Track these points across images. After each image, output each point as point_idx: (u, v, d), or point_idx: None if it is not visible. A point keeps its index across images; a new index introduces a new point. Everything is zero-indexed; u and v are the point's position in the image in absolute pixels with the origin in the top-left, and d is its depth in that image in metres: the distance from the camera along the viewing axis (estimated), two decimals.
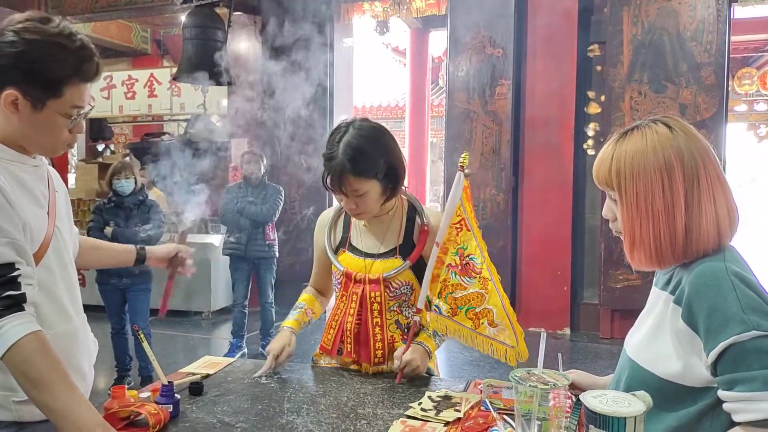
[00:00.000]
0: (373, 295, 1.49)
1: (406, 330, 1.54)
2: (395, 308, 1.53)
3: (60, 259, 1.19)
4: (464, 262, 1.45)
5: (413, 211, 1.57)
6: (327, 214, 1.65)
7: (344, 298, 1.53)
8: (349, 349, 1.52)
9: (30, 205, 1.11)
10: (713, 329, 0.91)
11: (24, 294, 1.04)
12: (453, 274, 1.45)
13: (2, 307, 1.01)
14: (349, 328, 1.51)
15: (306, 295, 1.67)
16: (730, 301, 0.90)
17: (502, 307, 1.42)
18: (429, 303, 1.47)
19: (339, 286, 1.56)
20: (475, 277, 1.44)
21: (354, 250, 1.56)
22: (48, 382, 1.01)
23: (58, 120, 1.11)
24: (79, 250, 1.40)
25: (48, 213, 1.16)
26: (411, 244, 1.54)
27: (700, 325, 0.93)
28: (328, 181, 1.42)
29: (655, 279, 1.11)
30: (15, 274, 1.03)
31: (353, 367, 1.56)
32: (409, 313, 1.55)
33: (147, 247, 1.51)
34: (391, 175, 1.46)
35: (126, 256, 1.50)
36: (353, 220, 1.59)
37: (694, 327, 0.94)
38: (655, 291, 1.08)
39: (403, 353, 1.44)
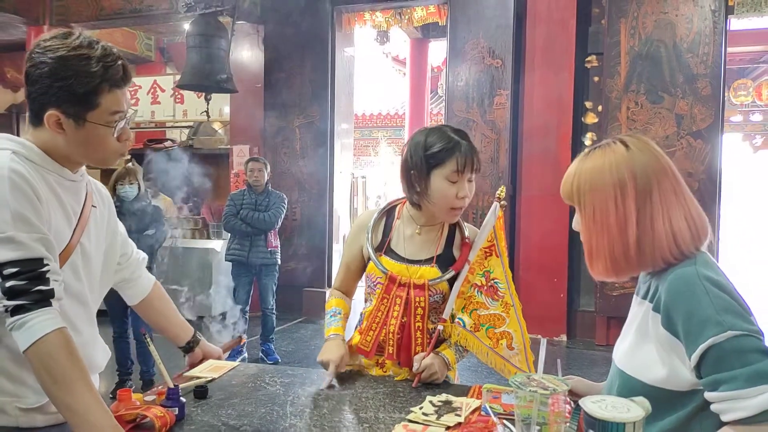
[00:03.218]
0: (418, 300, 1.52)
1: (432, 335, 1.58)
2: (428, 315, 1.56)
3: (76, 274, 1.18)
4: (489, 284, 1.52)
5: (454, 224, 1.63)
6: (367, 217, 1.66)
7: (385, 300, 1.54)
8: (391, 351, 1.54)
9: (56, 213, 1.13)
10: (692, 333, 0.94)
11: (53, 290, 1.05)
12: (478, 293, 1.52)
13: (31, 301, 1.02)
14: (392, 330, 1.53)
15: (336, 299, 1.67)
16: (704, 305, 0.94)
17: (521, 332, 1.50)
18: (452, 317, 1.52)
19: (378, 288, 1.56)
20: (497, 300, 1.51)
21: (392, 254, 1.59)
22: (70, 379, 1.02)
23: (101, 131, 1.12)
24: (147, 294, 1.46)
25: (75, 228, 1.17)
26: (449, 255, 1.58)
27: (680, 330, 0.96)
28: (464, 163, 1.49)
29: (636, 289, 1.14)
30: (44, 269, 1.04)
31: (376, 369, 1.58)
32: (435, 318, 1.58)
33: (202, 340, 1.54)
34: None
35: (180, 331, 1.52)
36: (396, 225, 1.62)
37: (674, 333, 0.98)
38: (636, 300, 1.12)
39: (423, 358, 1.47)
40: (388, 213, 1.66)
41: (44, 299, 1.03)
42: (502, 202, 1.57)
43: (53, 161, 1.14)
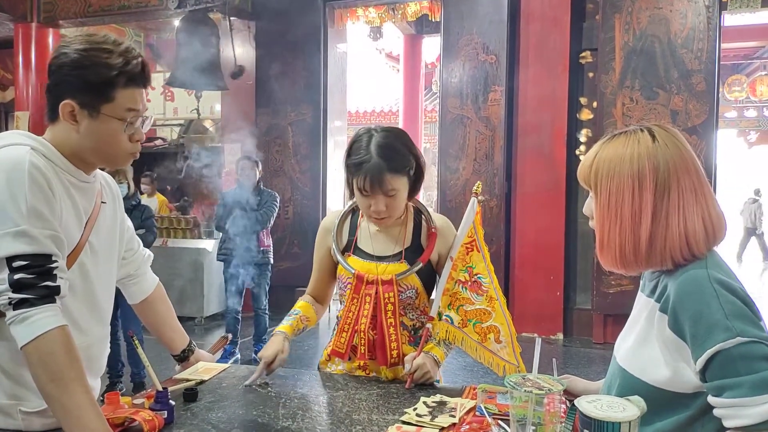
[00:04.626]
0: (386, 296, 1.51)
1: (412, 332, 1.57)
2: (401, 311, 1.55)
3: (85, 274, 1.18)
4: (473, 279, 1.52)
5: (419, 215, 1.61)
6: (332, 218, 1.65)
7: (355, 300, 1.54)
8: (363, 351, 1.53)
9: (68, 212, 1.13)
10: (699, 337, 0.92)
11: (59, 287, 1.05)
12: (463, 289, 1.52)
13: (37, 296, 1.02)
14: (363, 330, 1.52)
15: (302, 302, 1.66)
16: (713, 309, 0.92)
17: (507, 326, 1.50)
18: (440, 314, 1.52)
19: (348, 289, 1.56)
20: (482, 295, 1.52)
21: (361, 253, 1.58)
22: (67, 379, 1.01)
23: (114, 125, 1.13)
24: (149, 294, 1.45)
25: (85, 228, 1.17)
26: (418, 247, 1.57)
27: (687, 333, 0.94)
28: (366, 183, 1.43)
29: (641, 284, 1.12)
30: (53, 265, 1.05)
31: (359, 372, 1.56)
32: (413, 315, 1.57)
33: (196, 349, 1.55)
34: (417, 172, 1.52)
35: (176, 338, 1.51)
36: (360, 223, 1.60)
37: (681, 335, 0.95)
38: (642, 298, 1.10)
39: (414, 359, 1.46)
40: (353, 212, 1.64)
41: (50, 295, 1.04)
42: (479, 198, 1.56)
43: (68, 162, 1.14)
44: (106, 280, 1.27)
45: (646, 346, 1.02)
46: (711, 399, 0.92)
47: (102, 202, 1.24)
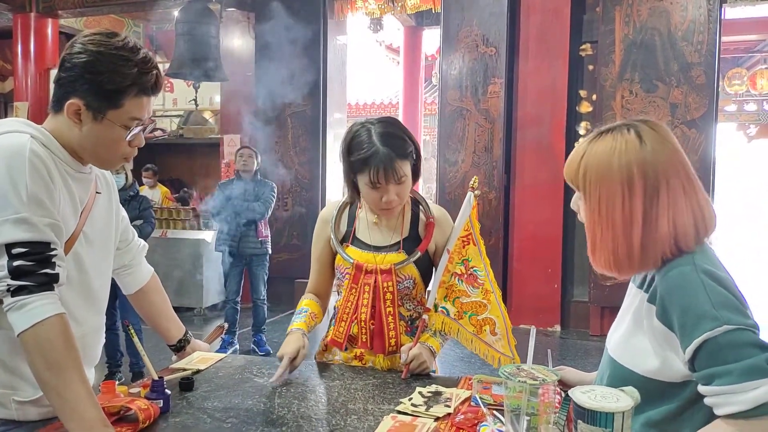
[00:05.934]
0: (385, 285, 1.52)
1: (409, 322, 1.58)
2: (398, 301, 1.56)
3: (79, 264, 1.19)
4: (469, 272, 1.53)
5: (416, 205, 1.62)
6: (330, 209, 1.66)
7: (354, 290, 1.54)
8: (364, 340, 1.54)
9: (65, 202, 1.13)
10: (687, 327, 0.93)
11: (58, 275, 1.06)
12: (459, 281, 1.53)
13: (36, 283, 1.02)
14: (363, 319, 1.53)
15: (307, 300, 1.65)
16: (701, 299, 0.92)
17: (502, 318, 1.52)
18: (435, 306, 1.53)
19: (346, 279, 1.56)
20: (477, 288, 1.52)
21: (359, 243, 1.58)
22: (64, 367, 1.01)
23: (117, 131, 1.13)
24: (144, 285, 1.45)
25: (80, 217, 1.18)
26: (416, 237, 1.58)
27: (675, 323, 0.95)
28: (378, 175, 1.43)
29: (632, 276, 1.12)
30: (52, 253, 1.05)
31: (355, 363, 1.57)
32: (410, 306, 1.58)
33: (192, 339, 1.55)
34: (417, 157, 1.53)
35: (172, 328, 1.52)
36: (359, 214, 1.61)
37: (669, 325, 0.96)
38: (632, 289, 1.10)
39: (410, 349, 1.47)
40: (351, 203, 1.64)
41: (48, 283, 1.04)
42: (476, 192, 1.56)
43: (66, 152, 1.14)
44: (101, 270, 1.27)
45: (636, 336, 1.03)
46: (701, 388, 0.93)
47: (97, 192, 1.24)
